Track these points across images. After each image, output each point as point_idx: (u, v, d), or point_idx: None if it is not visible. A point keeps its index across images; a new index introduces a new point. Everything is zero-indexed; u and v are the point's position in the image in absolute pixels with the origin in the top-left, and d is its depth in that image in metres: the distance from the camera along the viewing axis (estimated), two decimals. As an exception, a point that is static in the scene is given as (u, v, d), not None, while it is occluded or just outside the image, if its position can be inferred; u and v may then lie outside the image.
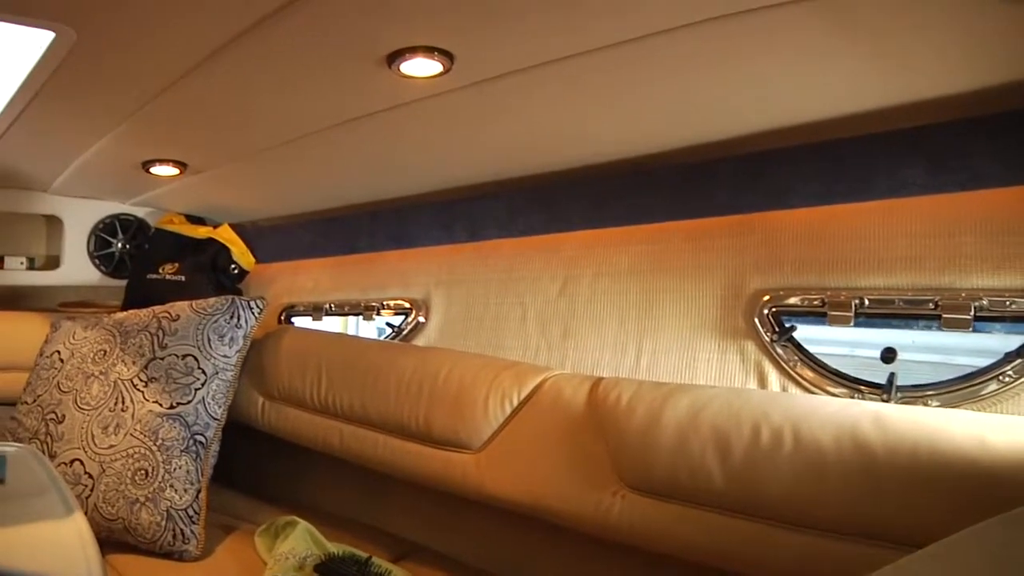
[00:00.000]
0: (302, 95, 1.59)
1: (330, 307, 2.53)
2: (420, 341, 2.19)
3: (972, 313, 1.30)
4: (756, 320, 1.58)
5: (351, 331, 2.95)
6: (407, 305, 2.27)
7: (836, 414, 1.20)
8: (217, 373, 2.08)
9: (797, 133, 1.50)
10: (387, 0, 1.16)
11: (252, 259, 2.85)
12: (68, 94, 1.70)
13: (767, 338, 1.56)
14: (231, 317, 2.13)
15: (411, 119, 1.64)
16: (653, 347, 1.73)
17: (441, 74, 1.38)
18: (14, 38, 1.48)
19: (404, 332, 2.23)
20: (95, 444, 2.02)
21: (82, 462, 2.01)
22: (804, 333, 1.55)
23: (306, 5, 1.17)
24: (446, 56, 1.31)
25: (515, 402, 1.61)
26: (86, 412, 2.09)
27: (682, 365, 1.68)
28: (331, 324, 2.65)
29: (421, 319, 2.20)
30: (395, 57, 1.33)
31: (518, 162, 1.90)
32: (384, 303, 2.34)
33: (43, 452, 2.03)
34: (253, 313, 2.16)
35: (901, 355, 1.41)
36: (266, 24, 1.25)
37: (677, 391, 1.40)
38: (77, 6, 1.24)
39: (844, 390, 1.46)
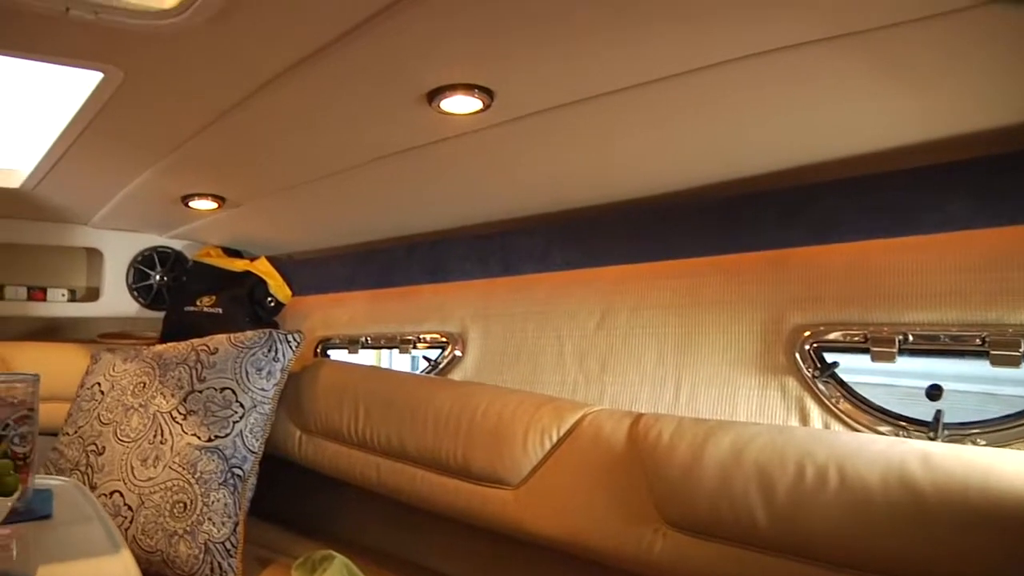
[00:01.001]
0: (342, 131, 1.61)
1: (366, 340, 2.54)
2: (457, 375, 2.19)
3: (1022, 349, 1.28)
4: (797, 356, 1.56)
5: (384, 364, 2.95)
6: (443, 339, 2.27)
7: (882, 453, 1.18)
8: (255, 406, 2.09)
9: (837, 167, 1.49)
10: (429, 39, 1.17)
11: (288, 292, 2.87)
12: (113, 132, 1.73)
13: (809, 374, 1.54)
14: (269, 350, 2.14)
15: (449, 154, 1.65)
16: (692, 382, 1.72)
17: (481, 111, 1.39)
18: (64, 79, 1.51)
19: (441, 366, 2.23)
20: (134, 476, 2.03)
21: (122, 494, 2.02)
22: (844, 362, 1.53)
23: (349, 44, 1.19)
24: (486, 93, 1.32)
25: (554, 438, 1.60)
26: (126, 444, 2.10)
27: (722, 401, 1.66)
28: (365, 357, 2.66)
29: (458, 353, 2.20)
30: (435, 94, 1.34)
31: (555, 196, 1.90)
32: (420, 336, 2.34)
33: (84, 483, 2.05)
34: (290, 346, 2.17)
35: (946, 385, 1.39)
36: (310, 62, 1.27)
37: (719, 428, 1.38)
38: (126, 48, 1.27)
39: (889, 427, 1.44)
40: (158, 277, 3.07)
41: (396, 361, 2.73)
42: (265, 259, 2.90)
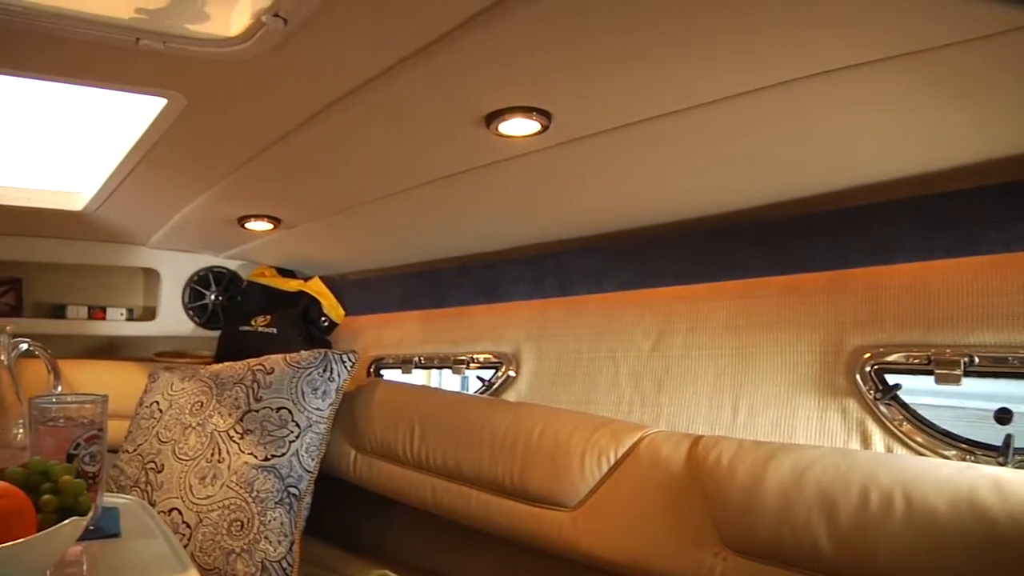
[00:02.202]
0: (398, 153, 1.62)
1: (419, 360, 2.55)
2: (511, 395, 2.19)
3: (1093, 372, 1.25)
4: (857, 377, 1.54)
5: (433, 384, 2.96)
6: (497, 359, 2.27)
7: (951, 478, 1.16)
8: (311, 426, 2.11)
9: (896, 187, 1.48)
10: (489, 63, 1.17)
11: (342, 312, 2.90)
12: (173, 155, 1.76)
13: (870, 396, 1.52)
14: (324, 370, 2.17)
15: (505, 176, 1.66)
16: (750, 403, 1.70)
17: (538, 133, 1.39)
18: (127, 104, 1.55)
19: (495, 386, 2.23)
20: (193, 494, 2.06)
21: (180, 511, 2.05)
22: (906, 384, 1.51)
23: (409, 69, 1.20)
24: (544, 115, 1.33)
25: (612, 460, 1.60)
26: (184, 462, 2.13)
27: (780, 422, 1.64)
28: (417, 377, 2.67)
29: (511, 373, 2.20)
30: (493, 117, 1.35)
31: (610, 217, 1.90)
32: (473, 357, 2.34)
33: (143, 500, 2.08)
34: (345, 367, 2.19)
35: (1016, 408, 1.36)
36: (369, 87, 1.29)
37: (779, 451, 1.37)
38: (190, 74, 1.29)
39: (955, 452, 1.41)
40: (213, 297, 3.12)
41: (446, 381, 2.73)
42: (319, 279, 2.93)
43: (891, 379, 1.51)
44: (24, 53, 1.25)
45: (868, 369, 1.52)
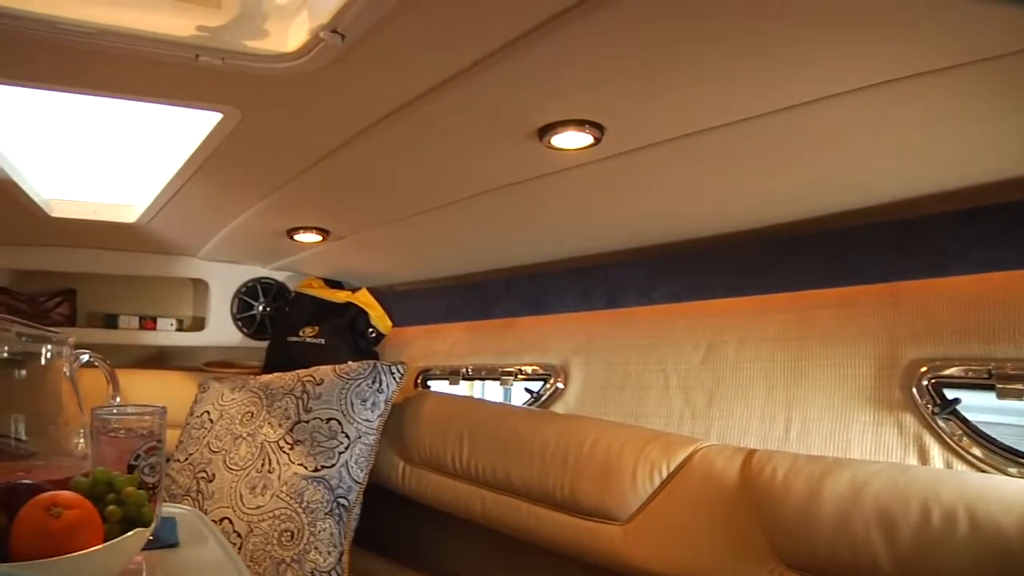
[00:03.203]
0: (449, 165, 1.63)
1: (467, 371, 2.55)
2: (559, 407, 2.18)
3: None
4: (914, 391, 1.51)
5: (476, 395, 2.97)
6: (545, 371, 2.27)
7: (1018, 496, 1.13)
8: (360, 437, 2.12)
9: (953, 198, 1.45)
10: (542, 77, 1.18)
11: (389, 323, 2.91)
12: (226, 169, 1.78)
13: (927, 411, 1.49)
14: (373, 382, 2.18)
15: (556, 188, 1.66)
16: (803, 417, 1.68)
17: (590, 146, 1.39)
18: (182, 119, 1.57)
19: (543, 398, 2.23)
20: (243, 504, 2.08)
21: (231, 521, 2.07)
22: (966, 399, 1.48)
23: (463, 83, 1.20)
24: (597, 128, 1.33)
25: (664, 473, 1.59)
26: (235, 472, 2.15)
27: (835, 436, 1.62)
28: (461, 388, 2.67)
29: (560, 385, 2.20)
30: (546, 130, 1.35)
31: (660, 229, 1.89)
32: (521, 368, 2.34)
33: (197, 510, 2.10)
34: (394, 378, 2.20)
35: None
36: (422, 101, 1.30)
37: (836, 466, 1.35)
38: (246, 89, 1.31)
39: (1018, 469, 1.38)
40: (261, 307, 3.15)
41: (488, 392, 2.73)
42: (366, 290, 2.95)
43: (949, 393, 1.48)
44: (88, 71, 1.28)
45: (925, 383, 1.50)
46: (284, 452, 2.12)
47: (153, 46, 1.18)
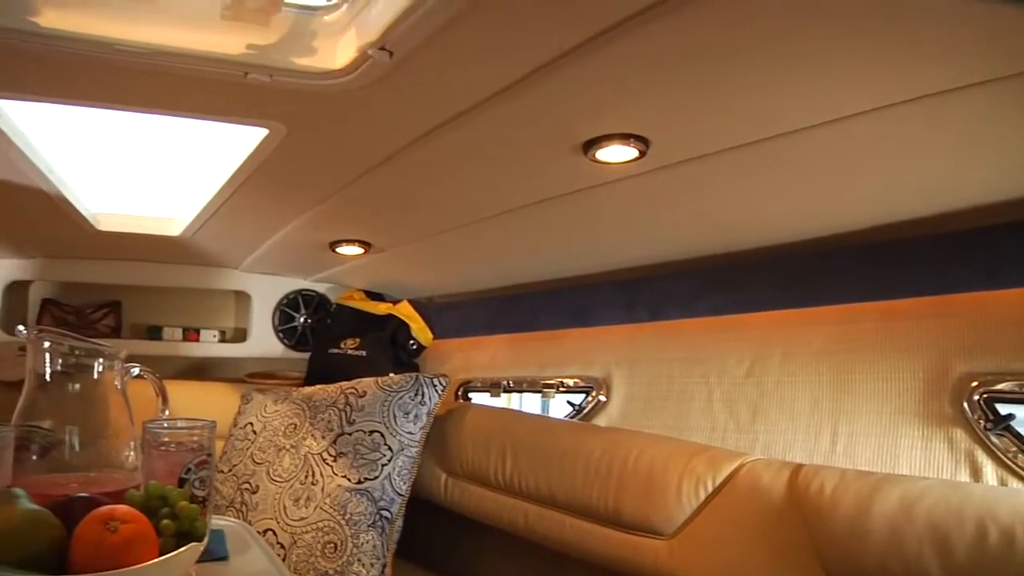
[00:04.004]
0: (493, 179, 1.63)
1: (508, 383, 2.55)
2: (601, 420, 2.18)
3: None
4: (965, 406, 1.49)
5: (514, 407, 2.96)
6: (587, 384, 2.26)
7: (1080, 515, 1.11)
8: (402, 449, 2.13)
9: (1006, 210, 1.43)
10: (588, 91, 1.18)
11: (430, 335, 2.92)
12: (270, 183, 1.80)
13: (979, 426, 1.47)
14: (415, 394, 2.18)
15: (599, 201, 1.66)
16: (850, 431, 1.66)
17: (635, 159, 1.39)
18: (228, 135, 1.59)
19: (585, 411, 2.22)
20: (287, 515, 2.09)
21: (275, 532, 2.08)
22: (1020, 415, 1.46)
23: (508, 99, 1.21)
24: (642, 142, 1.32)
25: (710, 488, 1.57)
26: (278, 484, 2.17)
27: (882, 451, 1.60)
28: (502, 400, 2.67)
29: (602, 398, 2.19)
30: (591, 144, 1.35)
31: (704, 242, 1.88)
32: (563, 381, 2.34)
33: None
34: (436, 390, 2.21)
35: None
36: (467, 116, 1.30)
37: (885, 482, 1.33)
38: (292, 105, 1.32)
39: (1077, 488, 1.35)
40: (302, 319, 3.18)
41: (526, 404, 2.73)
42: (407, 302, 2.96)
43: (1002, 408, 1.46)
44: (140, 90, 1.30)
45: (976, 398, 1.47)
46: (327, 464, 2.13)
47: (203, 64, 1.20)
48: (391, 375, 2.31)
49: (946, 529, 1.20)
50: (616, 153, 1.37)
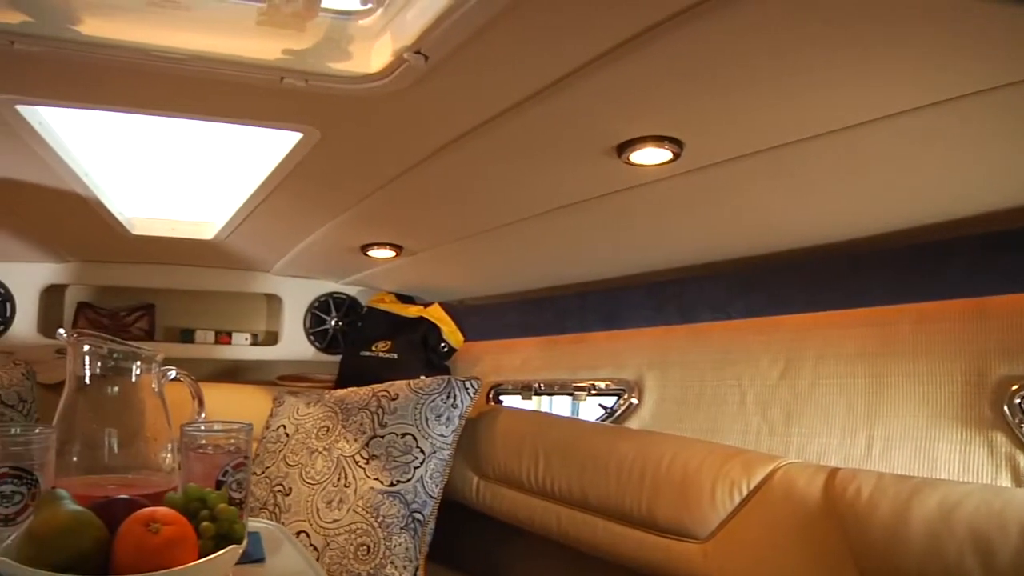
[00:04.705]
0: (525, 182, 1.63)
1: (539, 386, 2.55)
2: (634, 423, 2.17)
3: None
4: (1005, 409, 1.47)
5: (543, 410, 2.95)
6: (618, 386, 2.26)
7: None
8: (435, 452, 2.13)
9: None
10: (623, 94, 1.18)
11: (461, 337, 2.92)
12: (303, 187, 1.81)
13: (1020, 430, 1.45)
14: (447, 397, 2.19)
15: (632, 203, 1.65)
16: (885, 435, 1.64)
17: (669, 161, 1.39)
18: (261, 138, 1.60)
19: (617, 413, 2.22)
20: (320, 518, 2.10)
21: (308, 534, 2.09)
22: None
23: (542, 102, 1.21)
24: (676, 144, 1.32)
25: (744, 491, 1.56)
26: (311, 486, 2.18)
27: (919, 455, 1.58)
28: (533, 403, 2.66)
29: (634, 401, 2.18)
30: (625, 147, 1.35)
31: (737, 243, 1.87)
32: (594, 384, 2.33)
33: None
34: (468, 393, 2.21)
35: None
36: (501, 119, 1.31)
37: (924, 486, 1.31)
38: (327, 110, 1.33)
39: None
40: (333, 322, 3.19)
41: (556, 407, 2.72)
42: (438, 305, 2.97)
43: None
44: (176, 96, 1.32)
45: (1018, 401, 1.46)
46: (360, 466, 2.14)
47: (239, 69, 1.21)
48: (423, 378, 2.31)
49: (988, 535, 1.18)
50: (650, 155, 1.36)
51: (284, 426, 2.42)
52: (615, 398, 2.26)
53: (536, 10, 0.96)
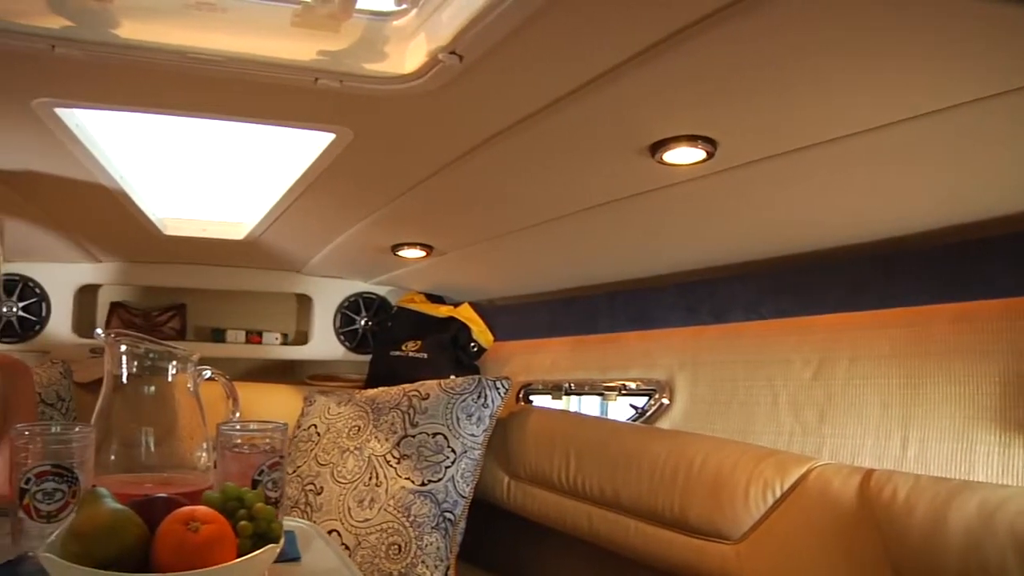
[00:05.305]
0: (557, 181, 1.63)
1: (569, 386, 2.55)
2: (665, 423, 2.16)
3: None
4: (1047, 412, 1.45)
5: (572, 410, 2.95)
6: (649, 386, 2.25)
7: None
8: (465, 452, 2.14)
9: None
10: (657, 94, 1.17)
11: (491, 337, 2.92)
12: (334, 187, 1.82)
13: (1062, 432, 1.43)
14: (478, 397, 2.19)
15: (664, 203, 1.65)
16: (921, 436, 1.62)
17: (703, 161, 1.38)
18: (293, 139, 1.61)
19: (648, 414, 2.21)
20: (351, 517, 2.11)
21: (339, 533, 2.10)
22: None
23: (576, 102, 1.21)
24: (709, 143, 1.31)
25: (778, 492, 1.55)
26: (343, 485, 2.19)
27: (956, 457, 1.56)
28: (562, 403, 2.66)
29: (665, 401, 2.17)
30: (658, 146, 1.34)
31: (770, 243, 1.86)
32: (625, 384, 2.33)
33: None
34: (499, 393, 2.21)
35: None
36: (533, 120, 1.31)
37: (963, 489, 1.30)
38: (361, 110, 1.33)
39: None
40: (363, 322, 3.20)
41: (584, 407, 2.71)
42: (468, 305, 2.97)
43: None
44: (212, 97, 1.33)
45: (1059, 402, 1.44)
46: (391, 466, 2.15)
47: (274, 71, 1.21)
48: (454, 377, 2.32)
49: (1030, 539, 1.16)
50: (683, 155, 1.36)
51: (315, 425, 2.44)
52: (646, 398, 2.25)
53: (571, 11, 0.95)
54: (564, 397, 2.59)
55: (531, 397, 2.72)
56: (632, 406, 2.31)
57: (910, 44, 0.96)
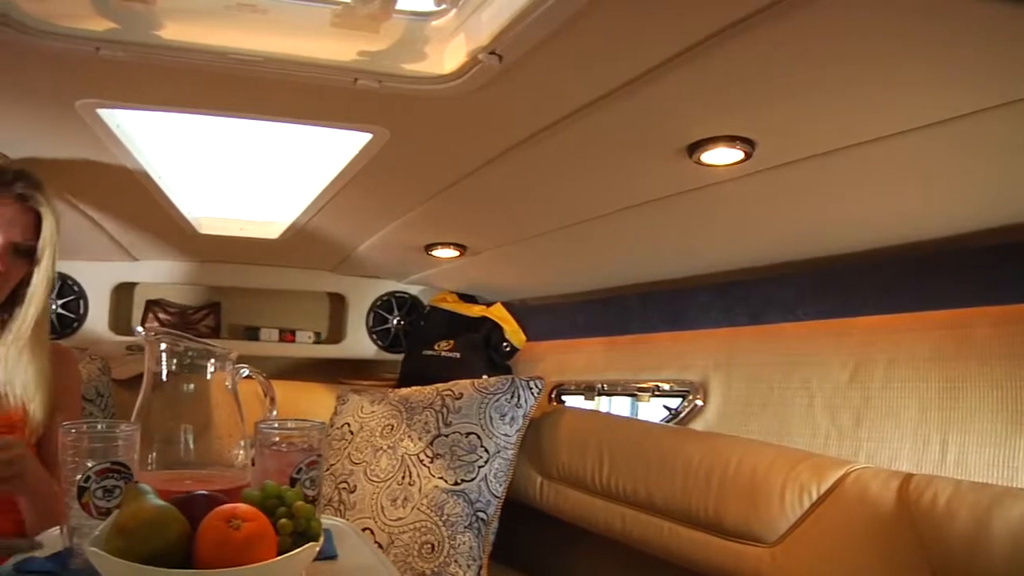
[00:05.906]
0: (593, 182, 1.63)
1: (602, 387, 2.54)
2: (698, 425, 2.15)
3: None
4: (1094, 418, 1.43)
5: (603, 410, 2.94)
6: (683, 387, 2.24)
7: None
8: (499, 451, 2.14)
9: None
10: (696, 94, 1.17)
11: (523, 337, 2.92)
12: (370, 187, 1.83)
13: (1108, 438, 1.40)
14: (511, 397, 2.19)
15: (701, 203, 1.64)
16: (960, 441, 1.60)
17: (740, 161, 1.37)
18: (330, 139, 1.61)
19: (681, 415, 2.20)
20: (384, 515, 2.12)
21: (372, 532, 2.11)
22: None
23: (614, 102, 1.21)
24: (748, 144, 1.31)
25: (815, 495, 1.54)
26: (376, 484, 2.20)
27: (997, 463, 1.54)
28: (595, 403, 2.65)
29: (699, 402, 2.16)
30: (696, 147, 1.34)
31: (807, 244, 1.85)
32: (658, 385, 2.32)
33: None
34: (532, 393, 2.21)
35: None
36: (570, 120, 1.31)
37: (1005, 495, 1.28)
38: (398, 110, 1.34)
39: None
40: (396, 321, 3.21)
41: (615, 408, 2.70)
42: (500, 305, 2.97)
43: None
44: (252, 97, 1.34)
45: (1105, 408, 1.41)
46: (424, 465, 2.16)
47: (314, 71, 1.22)
48: (487, 377, 2.32)
49: (1077, 546, 1.15)
50: (721, 155, 1.35)
51: (348, 424, 2.45)
52: (679, 399, 2.24)
53: (611, 12, 0.95)
54: (596, 398, 2.58)
55: (563, 397, 2.72)
56: (666, 407, 2.30)
57: (948, 48, 0.95)
